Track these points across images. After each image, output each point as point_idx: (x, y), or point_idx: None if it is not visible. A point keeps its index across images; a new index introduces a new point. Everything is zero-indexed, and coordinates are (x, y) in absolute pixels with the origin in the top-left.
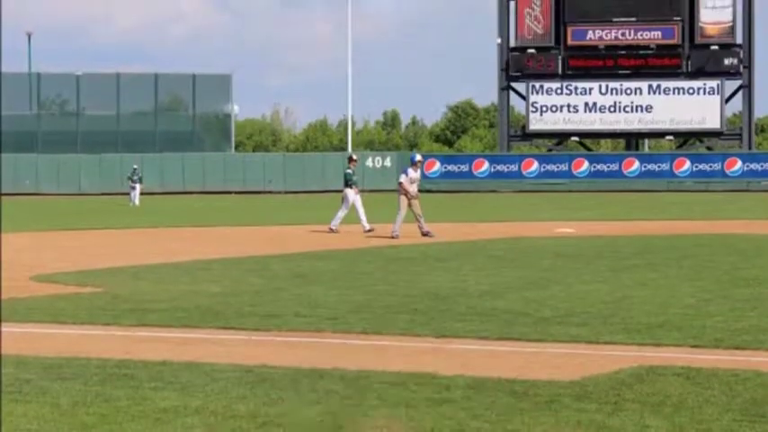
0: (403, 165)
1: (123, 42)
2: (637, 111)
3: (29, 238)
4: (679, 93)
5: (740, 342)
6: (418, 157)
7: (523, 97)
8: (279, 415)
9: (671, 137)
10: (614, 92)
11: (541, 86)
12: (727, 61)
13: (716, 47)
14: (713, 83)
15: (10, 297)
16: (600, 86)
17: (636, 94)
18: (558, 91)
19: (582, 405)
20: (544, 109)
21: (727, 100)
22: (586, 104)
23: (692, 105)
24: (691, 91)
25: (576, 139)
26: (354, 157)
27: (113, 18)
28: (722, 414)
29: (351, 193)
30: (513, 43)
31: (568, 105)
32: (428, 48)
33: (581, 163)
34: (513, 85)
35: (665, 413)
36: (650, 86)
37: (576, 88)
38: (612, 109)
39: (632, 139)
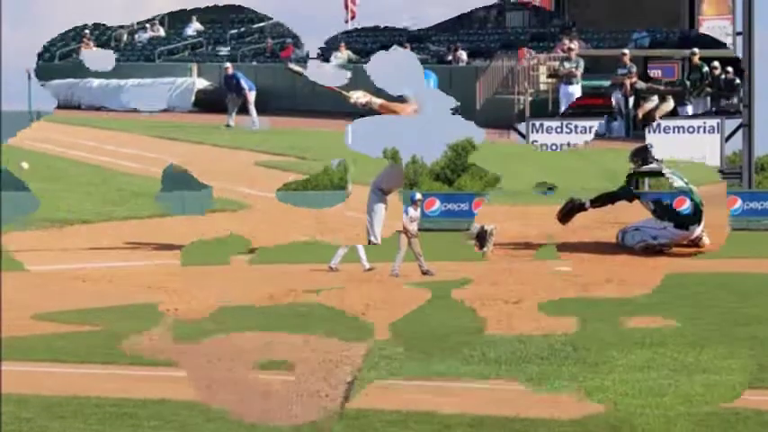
0: (403, 204)
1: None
2: None
3: (28, 277)
4: (679, 131)
5: None
6: (418, 196)
7: (523, 136)
8: None
9: None
10: None
11: (541, 125)
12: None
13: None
14: (713, 122)
15: (10, 335)
16: (600, 125)
17: None
18: (558, 129)
19: None
20: (544, 147)
21: (727, 139)
22: (586, 143)
23: (691, 144)
24: (690, 129)
25: None
26: None
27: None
28: None
29: None
30: None
31: (568, 144)
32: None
33: None
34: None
35: None
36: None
37: (576, 127)
38: None
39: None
